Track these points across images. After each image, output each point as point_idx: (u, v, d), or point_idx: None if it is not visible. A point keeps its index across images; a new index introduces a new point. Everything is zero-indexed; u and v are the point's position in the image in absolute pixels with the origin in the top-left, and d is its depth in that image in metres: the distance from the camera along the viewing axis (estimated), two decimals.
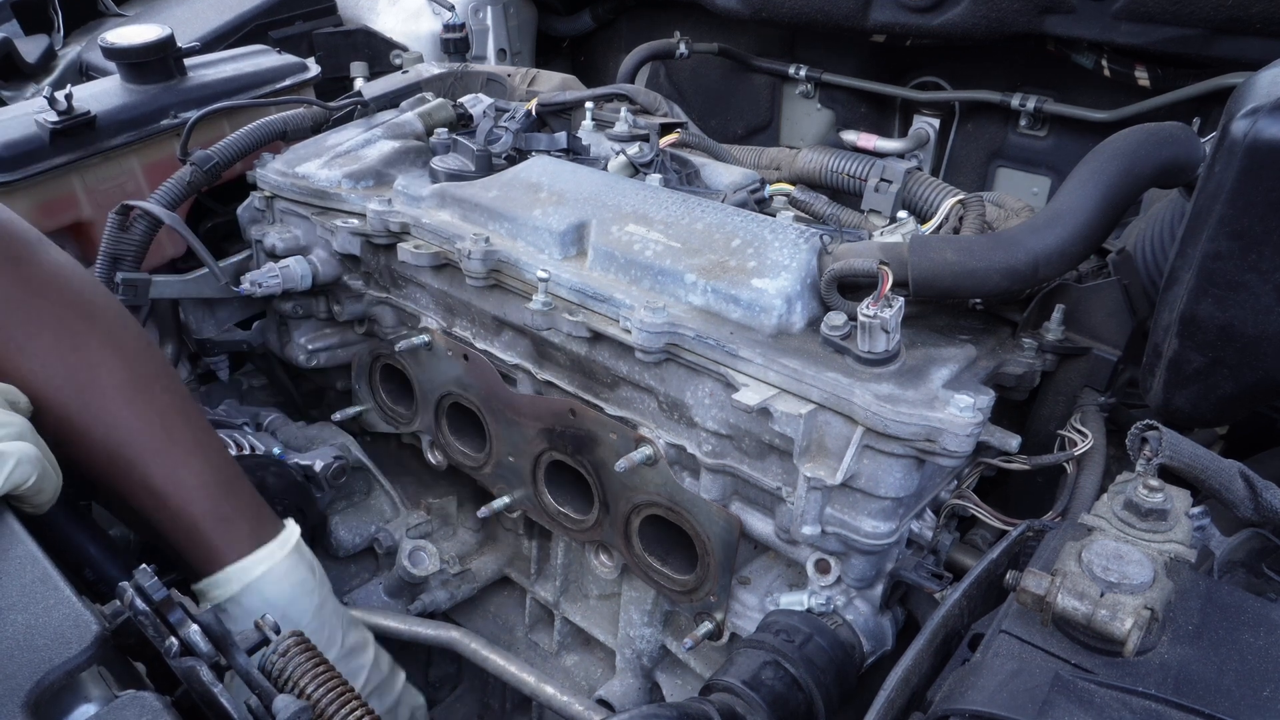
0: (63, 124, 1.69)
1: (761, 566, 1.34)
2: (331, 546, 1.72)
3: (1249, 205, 0.93)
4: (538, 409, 1.42)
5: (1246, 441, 1.32)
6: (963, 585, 0.98)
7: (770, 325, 1.18)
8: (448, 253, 1.44)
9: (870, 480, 1.11)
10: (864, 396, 1.07)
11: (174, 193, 1.64)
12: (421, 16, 2.79)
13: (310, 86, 2.12)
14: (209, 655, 0.93)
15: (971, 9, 2.19)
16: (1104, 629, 0.75)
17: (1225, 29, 1.91)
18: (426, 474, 1.85)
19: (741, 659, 1.11)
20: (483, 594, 1.80)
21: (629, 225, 1.34)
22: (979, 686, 0.76)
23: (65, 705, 0.81)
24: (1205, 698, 0.72)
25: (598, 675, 1.68)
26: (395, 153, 1.68)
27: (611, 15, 3.17)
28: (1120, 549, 0.80)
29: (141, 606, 0.92)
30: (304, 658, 1.06)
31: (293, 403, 1.99)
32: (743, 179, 1.60)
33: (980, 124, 2.63)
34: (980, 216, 1.44)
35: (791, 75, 2.81)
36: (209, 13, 2.51)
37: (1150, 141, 1.18)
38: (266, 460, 1.55)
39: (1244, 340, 1.00)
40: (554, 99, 1.90)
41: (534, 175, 1.50)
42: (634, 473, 1.30)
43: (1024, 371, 1.22)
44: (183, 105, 1.89)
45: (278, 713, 0.93)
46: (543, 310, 1.29)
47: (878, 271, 1.13)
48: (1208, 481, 0.95)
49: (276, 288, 1.61)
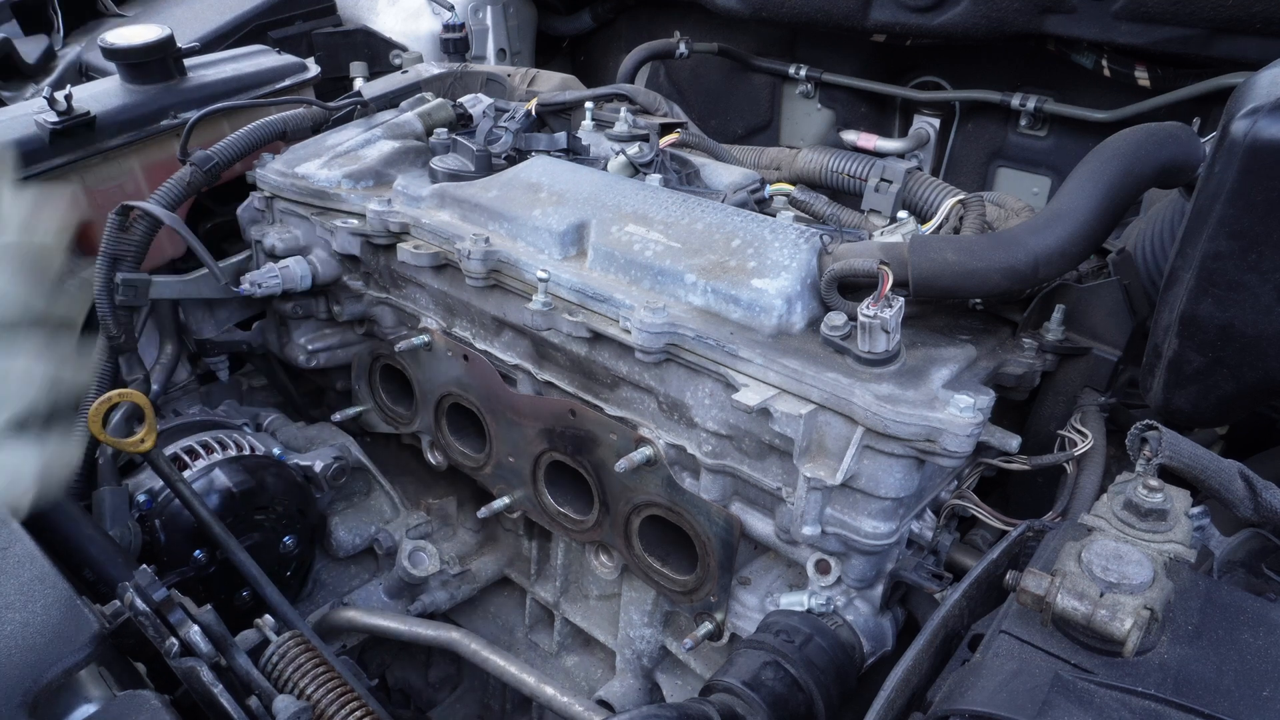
0: (62, 124, 1.69)
1: (761, 567, 1.34)
2: (331, 547, 1.72)
3: (1249, 205, 0.93)
4: (538, 409, 1.42)
5: (1246, 441, 1.32)
6: (963, 585, 0.98)
7: (770, 325, 1.18)
8: (448, 253, 1.44)
9: (870, 480, 1.11)
10: (864, 397, 1.07)
11: (174, 193, 1.64)
12: (421, 16, 2.79)
13: (310, 86, 2.12)
14: (209, 655, 0.94)
15: (971, 9, 2.19)
16: (1104, 629, 0.75)
17: (1225, 29, 1.91)
18: (426, 474, 1.85)
19: (741, 659, 1.11)
20: (483, 594, 1.80)
21: (629, 225, 1.34)
22: (979, 687, 0.76)
23: (65, 705, 0.81)
24: (1205, 697, 0.72)
25: (598, 676, 1.68)
26: (395, 153, 1.68)
27: (611, 15, 3.17)
28: (1120, 549, 0.80)
29: (141, 606, 0.92)
30: (304, 658, 1.07)
31: (293, 403, 1.99)
32: (743, 179, 1.60)
33: (980, 124, 2.63)
34: (980, 216, 1.43)
35: (791, 75, 2.81)
36: (209, 13, 2.51)
37: (1150, 141, 1.18)
38: (266, 460, 1.55)
39: (1244, 340, 1.00)
40: (554, 99, 1.90)
41: (534, 175, 1.50)
42: (634, 473, 1.30)
43: (1024, 371, 1.22)
44: (183, 105, 1.89)
45: (278, 713, 0.93)
46: (543, 310, 1.29)
47: (878, 271, 1.13)
48: (1207, 481, 0.94)
49: (276, 288, 1.61)
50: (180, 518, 1.40)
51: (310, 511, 1.59)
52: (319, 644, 1.14)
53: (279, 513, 1.52)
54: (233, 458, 1.50)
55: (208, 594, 1.43)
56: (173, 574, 1.39)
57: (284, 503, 1.53)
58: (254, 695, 0.98)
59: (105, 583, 1.15)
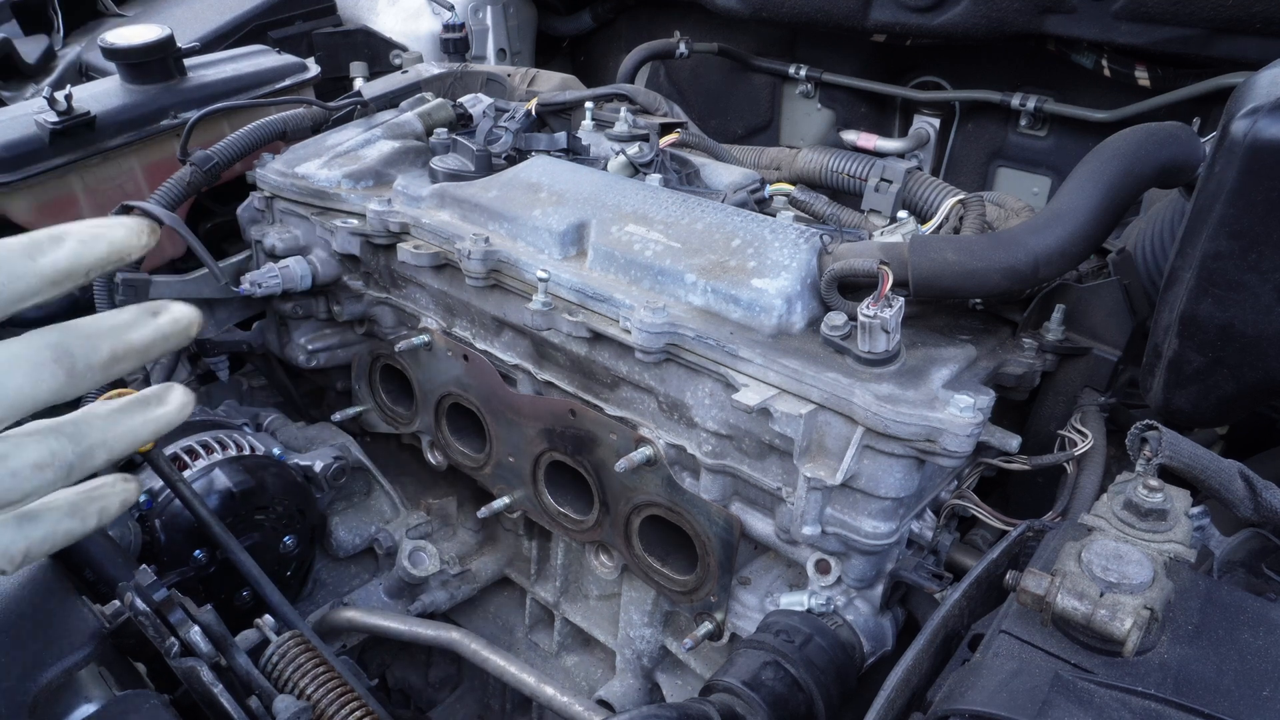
0: (62, 124, 1.69)
1: (761, 567, 1.34)
2: (331, 547, 1.72)
3: (1249, 205, 0.93)
4: (538, 409, 1.42)
5: (1246, 441, 1.32)
6: (963, 585, 0.98)
7: (770, 325, 1.18)
8: (447, 253, 1.44)
9: (870, 480, 1.11)
10: (864, 397, 1.07)
11: (174, 193, 1.64)
12: (421, 16, 2.79)
13: (310, 86, 2.12)
14: (209, 655, 0.94)
15: (971, 9, 2.19)
16: (1104, 629, 0.75)
17: (1225, 29, 1.91)
18: (426, 474, 1.85)
19: (742, 659, 1.11)
20: (483, 594, 1.80)
21: (629, 225, 1.34)
22: (979, 687, 0.76)
23: (65, 705, 0.81)
24: (1205, 697, 0.72)
25: (598, 676, 1.68)
26: (395, 153, 1.68)
27: (611, 15, 3.17)
28: (1120, 549, 0.80)
29: (141, 606, 0.92)
30: (304, 658, 1.06)
31: (293, 403, 1.99)
32: (743, 179, 1.60)
33: (980, 124, 2.63)
34: (980, 216, 1.43)
35: (791, 75, 2.81)
36: (209, 13, 2.51)
37: (1150, 141, 1.18)
38: (266, 460, 1.55)
39: (1244, 340, 1.00)
40: (554, 99, 1.90)
41: (534, 175, 1.50)
42: (634, 473, 1.30)
43: (1024, 371, 1.22)
44: (183, 105, 1.89)
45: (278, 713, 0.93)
46: (542, 310, 1.29)
47: (878, 271, 1.13)
48: (1207, 481, 0.94)
49: (276, 288, 1.61)
50: (180, 518, 1.40)
51: (310, 511, 1.59)
52: (319, 644, 1.14)
53: (279, 513, 1.52)
54: (233, 458, 1.50)
55: (208, 594, 1.43)
56: (173, 574, 1.39)
57: (284, 503, 1.52)
58: (254, 695, 0.98)
59: (105, 582, 1.15)
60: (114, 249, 0.73)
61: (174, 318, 0.78)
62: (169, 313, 0.77)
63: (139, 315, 0.75)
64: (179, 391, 0.83)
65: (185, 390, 0.83)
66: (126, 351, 0.74)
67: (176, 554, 1.41)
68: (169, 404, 0.81)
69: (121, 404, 0.77)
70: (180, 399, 0.82)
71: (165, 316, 0.77)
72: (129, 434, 0.78)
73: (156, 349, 0.77)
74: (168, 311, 0.78)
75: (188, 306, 0.81)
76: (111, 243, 0.73)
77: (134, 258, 0.75)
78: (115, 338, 0.72)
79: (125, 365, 0.75)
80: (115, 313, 0.75)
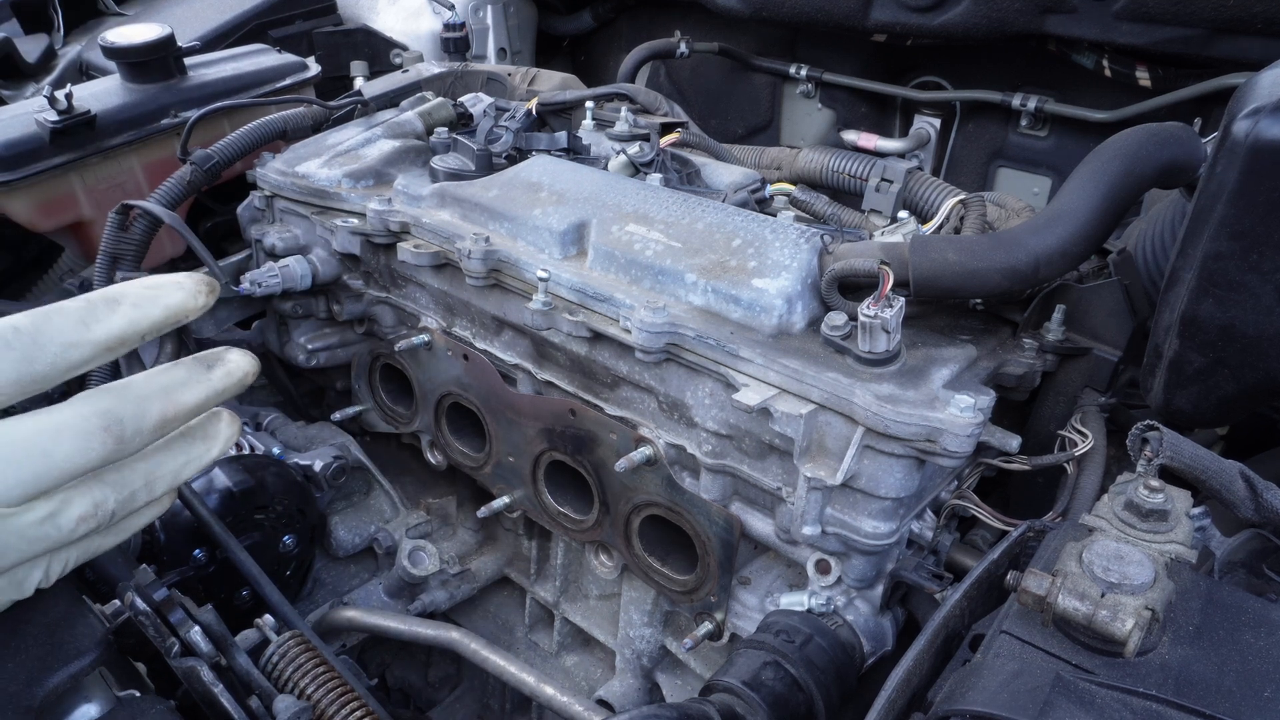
0: (63, 123, 1.69)
1: (761, 567, 1.34)
2: (331, 546, 1.71)
3: (1250, 206, 0.93)
4: (538, 409, 1.42)
5: (1247, 442, 1.32)
6: (963, 586, 0.98)
7: (771, 325, 1.18)
8: (448, 252, 1.44)
9: (870, 480, 1.11)
10: (864, 397, 1.07)
11: (174, 192, 1.64)
12: (421, 16, 2.79)
13: (310, 86, 2.12)
14: (209, 655, 0.94)
15: (972, 9, 2.19)
16: (1105, 629, 0.75)
17: (1226, 29, 1.91)
18: (426, 474, 1.85)
19: (742, 659, 1.11)
20: (483, 594, 1.80)
21: (629, 225, 1.34)
22: (979, 687, 0.76)
23: (67, 705, 0.81)
24: (1206, 698, 0.72)
25: (598, 675, 1.68)
26: (395, 152, 1.68)
27: (612, 14, 3.17)
28: (1121, 549, 0.80)
29: (142, 606, 0.92)
30: (304, 658, 1.06)
31: (293, 403, 1.99)
32: (743, 179, 1.60)
33: (981, 124, 2.63)
34: (981, 216, 1.43)
35: (792, 75, 2.81)
36: (209, 12, 2.51)
37: (1151, 142, 1.18)
38: (266, 460, 1.55)
39: (1245, 340, 1.00)
40: (554, 98, 1.90)
41: (534, 175, 1.50)
42: (634, 473, 1.30)
43: (1024, 372, 1.22)
44: (183, 105, 1.89)
45: (278, 713, 0.93)
46: (543, 310, 1.29)
47: (878, 271, 1.13)
48: (1208, 482, 0.94)
49: (276, 287, 1.61)
50: (180, 517, 1.40)
51: (310, 511, 1.59)
52: (319, 644, 1.14)
53: (279, 512, 1.52)
54: (232, 457, 1.50)
55: (208, 594, 1.43)
56: (173, 573, 1.38)
57: (284, 502, 1.52)
58: (254, 695, 0.98)
59: (105, 582, 1.14)
60: (170, 314, 0.73)
61: (228, 370, 0.77)
62: (223, 365, 0.77)
63: (192, 371, 0.75)
64: (225, 422, 0.82)
65: (232, 418, 0.83)
66: (177, 414, 0.74)
67: (176, 553, 1.41)
68: (215, 439, 0.81)
69: (166, 442, 0.77)
70: (226, 432, 0.82)
71: (219, 370, 0.76)
72: (171, 476, 0.78)
73: (210, 405, 0.78)
74: (222, 365, 0.77)
75: (244, 355, 0.80)
76: (168, 308, 0.72)
77: (191, 319, 0.74)
78: (166, 399, 0.72)
79: (175, 425, 0.75)
80: (168, 369, 0.74)
